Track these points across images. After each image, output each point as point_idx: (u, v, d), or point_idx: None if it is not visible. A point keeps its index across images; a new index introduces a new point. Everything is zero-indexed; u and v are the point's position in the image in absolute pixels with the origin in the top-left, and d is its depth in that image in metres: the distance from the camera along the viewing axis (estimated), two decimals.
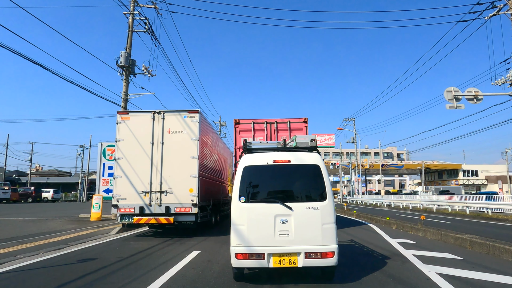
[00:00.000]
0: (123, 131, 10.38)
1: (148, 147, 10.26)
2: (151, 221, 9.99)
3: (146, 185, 10.06)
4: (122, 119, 10.46)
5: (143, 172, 10.12)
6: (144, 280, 5.18)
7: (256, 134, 12.43)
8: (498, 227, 14.17)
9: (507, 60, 17.74)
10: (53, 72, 11.02)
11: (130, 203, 9.99)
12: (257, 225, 4.74)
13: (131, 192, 10.04)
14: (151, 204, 9.98)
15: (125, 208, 10.00)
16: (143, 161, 10.17)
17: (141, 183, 10.08)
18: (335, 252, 4.68)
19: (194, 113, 10.43)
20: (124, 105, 16.04)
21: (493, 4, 17.14)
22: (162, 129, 10.35)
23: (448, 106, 17.17)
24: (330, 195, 4.87)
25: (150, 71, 17.14)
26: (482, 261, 6.71)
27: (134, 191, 10.05)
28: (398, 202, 33.05)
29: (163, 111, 10.51)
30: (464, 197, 26.06)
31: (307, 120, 12.39)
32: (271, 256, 4.67)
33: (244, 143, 5.42)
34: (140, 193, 10.02)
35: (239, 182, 4.92)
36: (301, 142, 5.42)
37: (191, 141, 10.23)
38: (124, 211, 10.00)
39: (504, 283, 5.04)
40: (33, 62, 10.08)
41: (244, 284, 4.97)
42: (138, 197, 10.01)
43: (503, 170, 61.17)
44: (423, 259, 6.78)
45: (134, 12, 16.56)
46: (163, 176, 10.11)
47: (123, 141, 10.31)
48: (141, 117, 10.54)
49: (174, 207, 9.94)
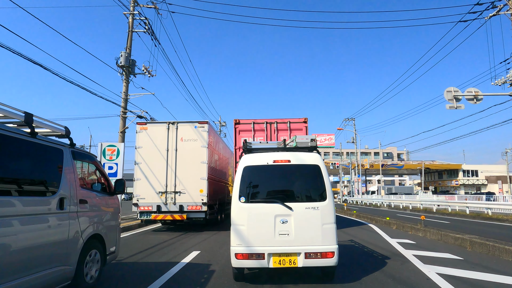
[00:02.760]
0: (141, 139, 11.75)
1: (163, 153, 11.68)
2: (167, 217, 11.47)
3: (162, 186, 11.49)
4: (141, 129, 11.85)
5: (160, 175, 11.50)
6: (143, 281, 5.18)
7: (256, 134, 12.45)
8: (498, 227, 14.17)
9: (507, 60, 17.73)
10: (53, 72, 11.02)
11: (149, 202, 11.41)
12: (257, 225, 4.74)
13: (149, 192, 11.44)
14: (167, 203, 11.42)
15: (144, 206, 11.44)
16: (159, 165, 11.55)
17: (158, 184, 11.51)
18: (335, 252, 4.68)
19: (204, 123, 11.89)
20: (124, 105, 16.04)
21: (493, 4, 17.14)
22: (176, 137, 11.76)
23: (448, 106, 17.16)
24: (330, 195, 4.87)
25: (150, 71, 17.14)
26: (482, 261, 6.71)
27: (152, 191, 11.45)
28: (398, 202, 33.02)
29: (176, 122, 11.92)
30: (464, 197, 26.06)
31: (307, 120, 12.38)
32: (271, 256, 4.67)
33: (244, 143, 5.43)
34: (157, 193, 11.44)
35: (239, 182, 4.92)
36: (301, 142, 5.43)
37: (201, 148, 11.64)
38: (144, 209, 11.45)
39: (504, 283, 5.04)
40: (33, 62, 10.07)
41: (244, 284, 4.97)
42: (155, 196, 11.42)
43: (503, 170, 61.14)
44: (423, 259, 6.78)
45: (134, 12, 16.55)
46: (177, 178, 11.50)
47: (142, 148, 11.71)
48: (158, 127, 11.96)
49: (187, 206, 11.37)
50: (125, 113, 16.11)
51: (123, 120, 16.07)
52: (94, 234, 4.76)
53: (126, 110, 16.12)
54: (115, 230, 5.53)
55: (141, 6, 16.77)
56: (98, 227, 4.87)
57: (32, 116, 3.74)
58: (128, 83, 16.31)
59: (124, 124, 16.07)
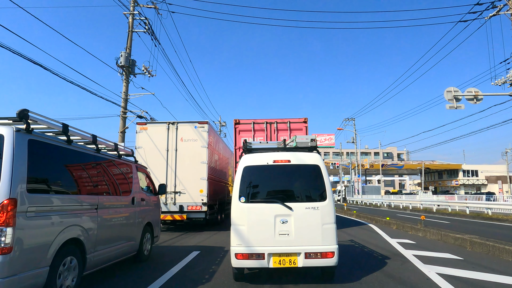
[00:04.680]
0: (141, 140, 11.77)
1: (163, 153, 11.69)
2: (167, 217, 11.40)
3: None
4: (141, 129, 11.84)
5: (160, 175, 11.42)
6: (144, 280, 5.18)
7: (256, 134, 12.45)
8: (498, 227, 14.17)
9: (507, 60, 17.74)
10: (53, 72, 11.01)
11: None
12: (257, 225, 4.74)
13: None
14: (167, 203, 11.38)
15: None
16: (159, 165, 11.51)
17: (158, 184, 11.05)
18: (335, 252, 4.68)
19: (204, 124, 11.86)
20: (124, 105, 16.03)
21: (493, 4, 17.14)
22: (176, 137, 11.76)
23: (448, 106, 17.16)
24: (330, 195, 4.87)
25: (150, 71, 17.13)
26: (482, 261, 6.71)
27: None
28: (398, 202, 33.02)
29: (176, 122, 11.89)
30: (464, 197, 26.06)
31: (307, 120, 12.38)
32: (271, 256, 4.67)
33: (244, 143, 5.43)
34: None
35: (239, 182, 4.92)
36: (301, 142, 5.43)
37: (201, 148, 11.64)
38: None
39: (504, 283, 5.04)
40: (33, 62, 10.06)
41: (244, 284, 4.98)
42: None
43: (503, 170, 61.12)
44: (423, 259, 6.78)
45: (134, 12, 16.55)
46: (177, 178, 11.49)
47: (142, 148, 11.71)
48: (158, 127, 11.94)
49: (187, 206, 11.38)
50: (125, 113, 16.10)
51: (123, 120, 16.06)
52: (148, 222, 6.93)
53: (126, 110, 16.11)
54: (158, 220, 7.79)
55: (141, 6, 16.76)
56: (150, 217, 7.07)
57: (68, 126, 4.51)
58: (128, 83, 16.30)
59: (124, 124, 16.06)
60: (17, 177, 3.47)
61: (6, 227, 3.29)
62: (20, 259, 3.39)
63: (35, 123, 3.97)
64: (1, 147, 3.48)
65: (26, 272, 3.46)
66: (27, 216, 3.53)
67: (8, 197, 3.36)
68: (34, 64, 10.21)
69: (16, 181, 3.46)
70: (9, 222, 3.31)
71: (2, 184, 3.37)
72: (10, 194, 3.38)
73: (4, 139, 3.50)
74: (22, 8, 9.74)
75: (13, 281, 3.30)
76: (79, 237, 4.39)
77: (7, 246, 3.27)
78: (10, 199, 3.36)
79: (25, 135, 3.71)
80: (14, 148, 3.51)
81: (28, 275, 3.47)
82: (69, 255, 4.17)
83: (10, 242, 3.29)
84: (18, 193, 3.46)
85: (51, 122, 4.27)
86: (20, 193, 3.48)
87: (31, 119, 3.84)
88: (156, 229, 7.48)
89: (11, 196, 3.38)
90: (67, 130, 4.46)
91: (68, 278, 4.18)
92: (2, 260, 3.23)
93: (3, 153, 3.46)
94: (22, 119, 3.70)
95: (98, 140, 5.34)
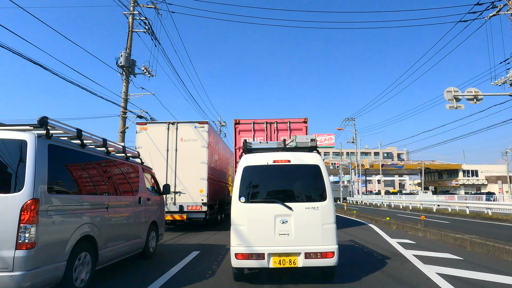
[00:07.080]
0: (141, 139, 11.79)
1: (163, 153, 11.70)
2: (167, 217, 11.21)
3: None
4: (141, 129, 11.86)
5: (160, 175, 11.16)
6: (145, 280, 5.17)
7: (256, 134, 12.46)
8: (498, 227, 14.17)
9: (507, 60, 17.72)
10: (53, 72, 11.00)
11: None
12: (257, 225, 4.74)
13: None
14: (167, 203, 11.26)
15: None
16: (159, 165, 11.47)
17: None
18: (335, 252, 4.68)
19: (204, 124, 11.86)
20: (124, 105, 16.02)
21: (493, 4, 17.13)
22: (176, 137, 11.78)
23: (448, 106, 17.15)
24: (330, 195, 4.87)
25: (150, 71, 17.11)
26: (482, 261, 6.71)
27: None
28: (398, 202, 33.04)
29: (176, 122, 11.90)
30: (464, 197, 26.06)
31: (307, 120, 12.38)
32: (271, 256, 4.67)
33: (244, 143, 5.43)
34: None
35: (239, 182, 4.92)
36: (301, 142, 5.43)
37: (201, 148, 11.65)
38: None
39: (504, 283, 5.04)
40: (33, 62, 10.06)
41: (244, 284, 4.98)
42: None
43: (503, 170, 61.10)
44: (423, 259, 6.78)
45: (134, 12, 16.54)
46: (177, 178, 11.51)
47: (142, 148, 11.62)
48: (158, 127, 11.96)
49: (187, 206, 11.41)
50: (125, 113, 16.09)
51: (123, 120, 16.05)
52: (153, 221, 7.26)
53: (126, 110, 16.09)
54: (162, 219, 8.11)
55: (141, 6, 16.75)
56: (155, 216, 7.39)
57: (81, 131, 4.74)
58: (128, 83, 16.29)
59: (124, 124, 16.05)
60: (39, 179, 3.77)
61: (30, 224, 3.59)
62: (42, 254, 3.71)
63: (53, 129, 4.21)
64: (25, 152, 3.79)
65: (47, 266, 3.78)
66: (48, 215, 3.86)
67: (31, 197, 3.66)
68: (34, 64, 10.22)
69: (38, 183, 3.76)
70: (33, 220, 3.62)
71: (26, 185, 3.67)
72: (34, 195, 3.68)
73: (28, 145, 3.81)
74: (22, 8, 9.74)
75: (36, 273, 3.61)
76: (92, 234, 4.68)
77: (31, 242, 3.58)
78: (33, 199, 3.67)
79: (45, 140, 4.02)
80: (36, 153, 3.83)
81: (48, 268, 3.79)
82: (83, 251, 4.48)
83: (34, 238, 3.61)
84: (40, 194, 3.76)
85: (67, 128, 4.52)
86: (42, 193, 3.79)
87: (50, 125, 4.09)
88: (161, 227, 7.79)
89: (34, 196, 3.68)
90: (81, 135, 4.72)
91: (83, 272, 4.51)
92: (27, 254, 3.53)
93: (26, 157, 3.77)
94: (43, 125, 3.98)
95: (108, 143, 5.53)
